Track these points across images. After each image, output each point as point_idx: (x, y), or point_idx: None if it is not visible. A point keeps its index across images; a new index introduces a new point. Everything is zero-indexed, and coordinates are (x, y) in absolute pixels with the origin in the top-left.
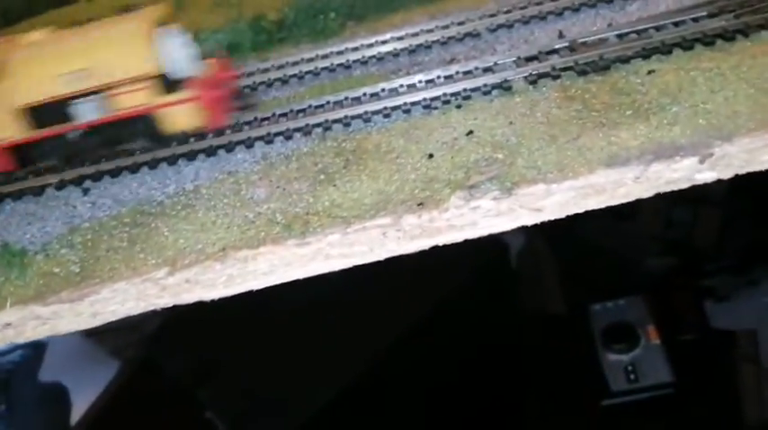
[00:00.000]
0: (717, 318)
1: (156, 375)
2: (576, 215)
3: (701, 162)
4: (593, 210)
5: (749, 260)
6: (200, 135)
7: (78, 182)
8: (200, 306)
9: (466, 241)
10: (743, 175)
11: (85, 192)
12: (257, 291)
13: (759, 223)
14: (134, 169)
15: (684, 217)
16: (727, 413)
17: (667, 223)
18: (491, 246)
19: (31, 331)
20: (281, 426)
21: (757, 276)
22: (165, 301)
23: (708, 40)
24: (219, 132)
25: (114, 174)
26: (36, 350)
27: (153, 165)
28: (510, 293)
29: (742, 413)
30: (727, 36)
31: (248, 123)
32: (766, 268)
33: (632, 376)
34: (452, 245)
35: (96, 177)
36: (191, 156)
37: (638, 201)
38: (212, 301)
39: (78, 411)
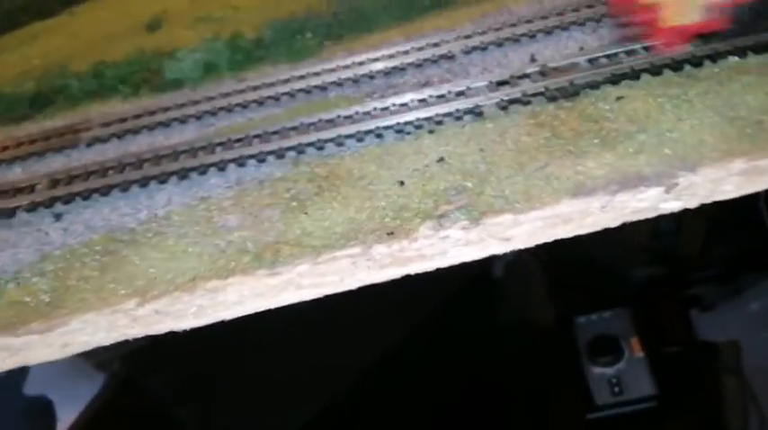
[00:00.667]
0: (702, 327)
1: (137, 392)
2: None
3: (667, 192)
4: None
5: (735, 269)
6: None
7: (49, 205)
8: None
9: None
10: None
11: (58, 217)
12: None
13: (744, 232)
14: (105, 192)
15: (670, 226)
16: (709, 425)
17: (653, 233)
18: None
19: (2, 362)
20: None
21: (743, 285)
22: (137, 332)
23: (676, 66)
24: (193, 153)
25: (85, 196)
26: None
27: (125, 187)
28: (495, 306)
29: (725, 425)
30: (695, 62)
31: (221, 144)
32: (752, 277)
33: (616, 389)
34: None
35: (67, 200)
36: (162, 178)
37: None
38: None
39: (63, 425)
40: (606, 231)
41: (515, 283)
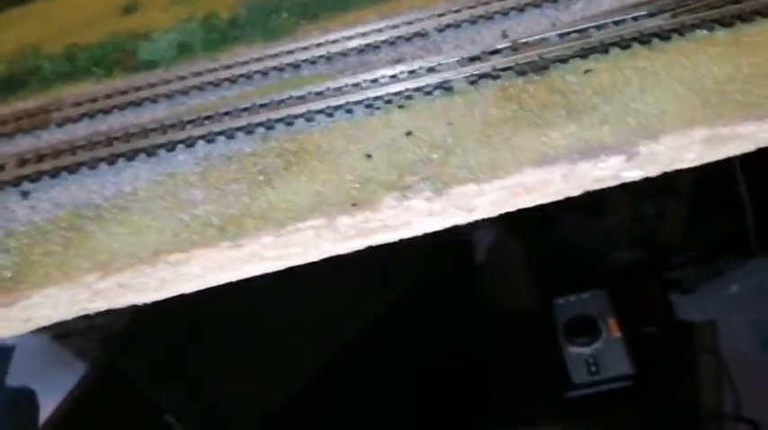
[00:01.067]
0: (682, 309)
1: (119, 377)
2: (545, 210)
3: (627, 161)
4: (562, 206)
5: (715, 251)
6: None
7: (16, 183)
8: (163, 308)
9: (429, 235)
10: (707, 168)
11: (25, 195)
12: (220, 293)
13: (724, 215)
14: (73, 170)
15: (650, 210)
16: (685, 403)
17: (634, 217)
18: (456, 240)
19: None
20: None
21: (722, 267)
22: (99, 306)
23: (644, 39)
24: (162, 131)
25: (53, 175)
26: (3, 354)
27: (93, 165)
28: (475, 288)
29: (700, 403)
30: (664, 35)
31: (191, 122)
32: (731, 259)
33: (593, 368)
34: (414, 239)
35: (35, 178)
36: (130, 155)
37: (606, 196)
38: (173, 304)
39: (45, 414)
40: (588, 215)
41: (497, 266)
